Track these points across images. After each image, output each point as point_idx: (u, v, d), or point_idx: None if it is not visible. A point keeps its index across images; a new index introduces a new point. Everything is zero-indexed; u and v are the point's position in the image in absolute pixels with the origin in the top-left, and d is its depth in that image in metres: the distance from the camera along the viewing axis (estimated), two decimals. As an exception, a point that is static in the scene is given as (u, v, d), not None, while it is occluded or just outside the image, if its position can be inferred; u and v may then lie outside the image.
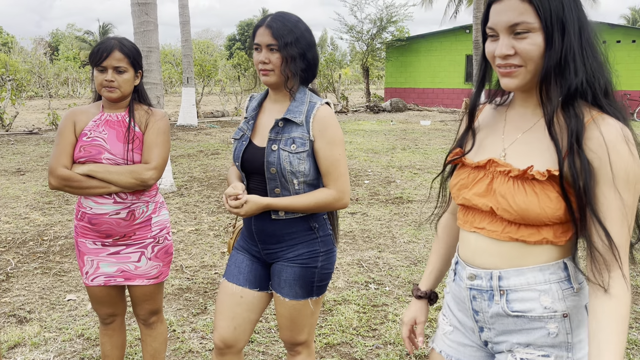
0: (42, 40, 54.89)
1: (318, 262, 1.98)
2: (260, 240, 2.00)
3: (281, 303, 2.01)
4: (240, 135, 2.01)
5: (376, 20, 23.32)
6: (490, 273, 1.30)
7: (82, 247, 2.31)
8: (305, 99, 1.94)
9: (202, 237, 5.15)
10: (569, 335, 1.25)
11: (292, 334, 2.05)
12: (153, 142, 2.25)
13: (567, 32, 1.17)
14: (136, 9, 6.41)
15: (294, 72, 1.89)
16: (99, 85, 2.19)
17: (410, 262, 4.49)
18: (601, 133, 1.15)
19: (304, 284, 1.97)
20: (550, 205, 1.19)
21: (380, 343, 3.17)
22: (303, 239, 1.97)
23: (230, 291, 2.05)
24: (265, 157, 1.90)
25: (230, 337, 2.03)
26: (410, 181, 7.80)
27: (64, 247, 4.84)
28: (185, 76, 14.52)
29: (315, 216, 1.99)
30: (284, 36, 1.85)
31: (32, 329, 3.29)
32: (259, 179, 1.95)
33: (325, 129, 1.90)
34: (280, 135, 1.90)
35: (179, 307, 3.64)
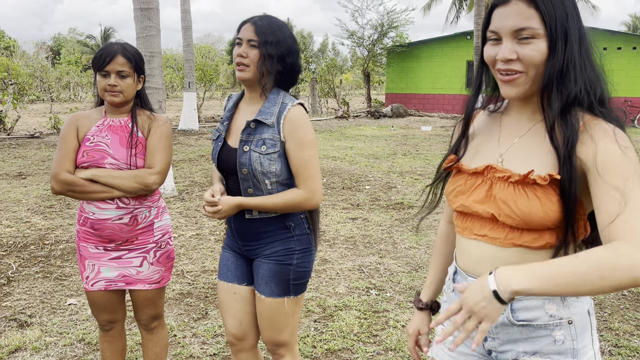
0: (44, 44, 55.03)
1: (293, 260, 2.00)
2: (240, 237, 2.05)
3: (260, 301, 2.04)
4: (217, 135, 2.04)
5: (377, 26, 23.39)
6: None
7: (83, 251, 2.31)
8: (277, 100, 1.95)
9: (203, 242, 5.15)
10: (575, 341, 1.25)
11: (272, 333, 2.06)
12: (156, 147, 2.26)
13: (570, 40, 1.17)
14: (139, 14, 6.44)
15: (269, 70, 1.90)
16: (102, 89, 2.20)
17: (412, 268, 4.49)
18: (591, 136, 1.16)
19: (279, 281, 1.99)
20: (552, 208, 1.18)
21: (382, 349, 3.16)
22: (279, 237, 2.00)
23: (224, 289, 2.12)
24: (237, 157, 1.93)
25: (238, 332, 2.11)
26: (411, 187, 7.80)
27: (65, 251, 4.84)
28: (187, 81, 14.55)
29: (291, 215, 2.00)
30: (266, 34, 1.88)
31: (33, 334, 3.29)
32: (234, 179, 1.99)
33: (295, 130, 1.91)
34: (252, 137, 1.93)
35: (179, 312, 3.64)
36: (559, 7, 1.17)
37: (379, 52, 23.96)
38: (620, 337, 3.30)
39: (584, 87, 1.19)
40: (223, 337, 3.28)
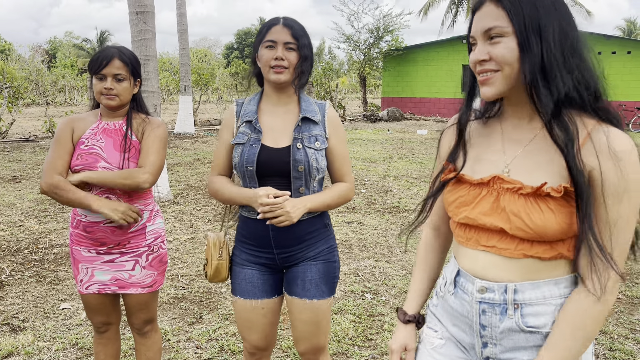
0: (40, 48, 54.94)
1: (335, 257, 2.06)
2: (278, 246, 1.98)
3: (305, 308, 1.99)
4: (246, 139, 1.96)
5: (373, 30, 23.43)
6: (505, 286, 1.25)
7: (76, 254, 2.30)
8: (310, 100, 2.01)
9: (198, 246, 5.13)
10: None
11: (316, 340, 2.04)
12: (149, 148, 2.25)
13: (545, 37, 1.15)
14: (134, 18, 6.43)
15: (305, 71, 1.95)
16: (98, 93, 2.19)
17: (407, 272, 4.48)
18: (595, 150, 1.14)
19: (328, 280, 2.01)
20: (567, 221, 1.17)
21: (377, 353, 3.15)
22: (321, 236, 2.01)
23: (250, 307, 2.04)
24: (292, 155, 1.90)
25: (263, 345, 2.12)
26: (406, 190, 7.81)
27: (58, 255, 4.82)
28: (183, 84, 14.55)
29: (326, 214, 2.06)
30: (302, 37, 1.92)
31: (25, 338, 3.26)
32: (277, 181, 1.93)
33: (338, 127, 2.02)
34: (301, 134, 1.94)
35: (174, 317, 3.62)
36: (527, 4, 1.16)
37: (375, 56, 24.00)
38: (614, 340, 3.30)
39: (573, 84, 1.16)
40: (217, 342, 3.26)
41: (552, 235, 1.18)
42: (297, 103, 2.01)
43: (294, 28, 1.91)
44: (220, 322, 3.53)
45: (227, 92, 24.04)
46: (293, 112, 1.99)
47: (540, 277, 1.22)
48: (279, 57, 1.88)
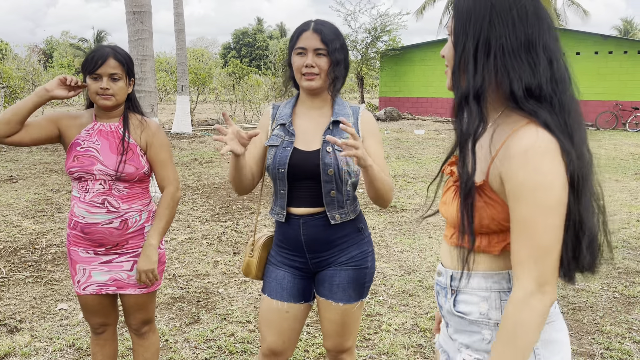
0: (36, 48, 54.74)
1: (368, 262, 2.02)
2: (310, 250, 1.99)
3: (333, 309, 2.01)
4: (279, 141, 1.98)
5: (370, 30, 23.44)
6: (447, 271, 1.37)
7: (74, 255, 2.29)
8: (344, 104, 2.01)
9: (195, 246, 5.12)
10: None
11: (341, 340, 2.06)
12: (164, 159, 2.30)
13: (469, 37, 1.23)
14: (131, 17, 6.42)
15: (338, 76, 1.93)
16: (93, 93, 2.17)
17: (404, 272, 4.48)
18: (509, 152, 1.16)
19: (357, 286, 2.00)
20: (484, 215, 1.22)
21: (374, 353, 3.15)
22: (353, 241, 2.00)
23: (275, 308, 2.05)
24: (321, 159, 1.90)
25: (279, 348, 2.09)
26: (404, 190, 7.81)
27: (55, 255, 4.81)
28: (180, 84, 14.52)
29: (360, 217, 2.03)
30: (332, 41, 1.90)
31: (22, 339, 3.25)
32: (307, 184, 1.94)
33: (374, 129, 2.00)
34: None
35: (171, 317, 3.61)
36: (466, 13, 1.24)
37: (372, 56, 24.01)
38: (612, 339, 3.31)
39: (481, 82, 1.20)
40: (215, 342, 3.26)
41: (477, 226, 1.23)
42: (330, 107, 2.00)
43: (323, 33, 1.90)
44: (218, 322, 3.53)
45: (224, 92, 23.97)
46: (326, 116, 1.99)
47: (474, 269, 1.29)
48: (309, 65, 1.89)
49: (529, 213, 1.13)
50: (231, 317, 3.60)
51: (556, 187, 1.12)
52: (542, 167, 1.12)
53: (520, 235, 1.15)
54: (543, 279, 1.13)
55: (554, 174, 1.12)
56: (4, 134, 2.14)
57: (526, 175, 1.12)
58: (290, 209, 1.99)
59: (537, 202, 1.12)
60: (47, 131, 2.22)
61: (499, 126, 1.24)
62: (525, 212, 1.13)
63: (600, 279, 4.32)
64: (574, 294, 4.00)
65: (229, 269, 4.52)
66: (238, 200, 7.04)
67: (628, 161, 10.90)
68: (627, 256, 4.88)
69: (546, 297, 1.14)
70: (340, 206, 1.95)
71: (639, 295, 3.99)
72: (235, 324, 3.50)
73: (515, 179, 1.14)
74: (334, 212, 1.94)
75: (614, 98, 18.75)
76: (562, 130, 1.16)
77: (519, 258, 1.15)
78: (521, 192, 1.13)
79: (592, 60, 19.09)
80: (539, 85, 1.19)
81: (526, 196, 1.13)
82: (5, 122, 2.12)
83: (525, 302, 1.13)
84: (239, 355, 3.11)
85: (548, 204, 1.12)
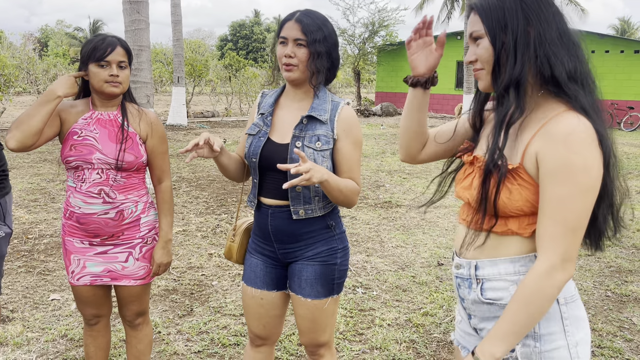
0: (32, 36, 54.32)
1: (337, 259, 1.99)
2: (277, 240, 1.98)
3: (302, 304, 2.00)
4: (257, 131, 1.97)
5: (368, 24, 23.39)
6: (469, 262, 1.40)
7: (69, 245, 2.28)
8: (327, 98, 1.94)
9: (189, 239, 5.11)
10: (536, 325, 1.30)
11: (314, 335, 2.05)
12: (163, 151, 2.35)
13: (508, 32, 1.28)
14: (127, 7, 6.37)
15: (319, 68, 1.87)
16: (101, 80, 2.15)
17: (398, 267, 4.49)
18: (553, 127, 1.23)
19: (325, 282, 1.97)
20: (509, 196, 1.27)
21: (367, 348, 3.16)
22: (321, 237, 1.97)
23: (250, 294, 2.09)
24: (289, 153, 1.88)
25: (262, 333, 2.12)
26: (399, 185, 7.82)
27: (48, 245, 4.79)
28: (176, 75, 14.46)
29: (332, 214, 2.00)
30: (313, 32, 1.83)
31: (14, 329, 3.24)
32: (276, 176, 1.92)
33: (350, 129, 1.92)
34: (304, 132, 1.89)
35: (164, 309, 3.61)
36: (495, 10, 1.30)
37: (369, 51, 23.97)
38: (603, 337, 3.33)
39: (522, 69, 1.27)
40: (208, 334, 3.26)
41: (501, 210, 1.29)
42: (311, 100, 1.95)
43: (304, 23, 1.84)
44: (211, 315, 3.53)
45: (220, 84, 23.88)
46: (304, 109, 1.94)
47: (498, 255, 1.34)
48: (287, 55, 1.85)
49: (566, 193, 1.20)
50: (224, 310, 3.60)
51: (594, 171, 1.20)
52: (583, 151, 1.19)
53: (552, 213, 1.21)
54: (567, 256, 1.21)
55: (593, 159, 1.19)
56: (32, 144, 2.12)
57: (567, 158, 1.19)
58: (261, 198, 1.99)
59: (576, 183, 1.19)
60: (55, 127, 2.21)
61: (533, 111, 1.31)
62: (563, 192, 1.20)
63: (592, 277, 4.34)
64: (567, 292, 4.03)
65: (222, 262, 4.51)
66: (233, 193, 7.03)
67: (622, 160, 10.91)
68: (620, 255, 4.91)
69: (566, 273, 1.22)
70: (307, 202, 1.92)
71: (630, 294, 4.02)
72: (229, 317, 3.50)
73: (555, 160, 1.20)
74: (299, 207, 1.92)
75: (610, 97, 18.80)
76: (596, 112, 1.25)
77: (548, 234, 1.22)
78: (560, 172, 1.20)
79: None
80: (576, 69, 1.27)
81: (565, 177, 1.19)
82: (36, 133, 2.08)
83: (547, 274, 1.21)
84: (231, 348, 3.11)
85: (585, 187, 1.19)
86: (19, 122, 2.09)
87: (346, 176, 1.92)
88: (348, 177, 1.92)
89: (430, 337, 3.31)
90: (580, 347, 1.32)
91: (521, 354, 1.31)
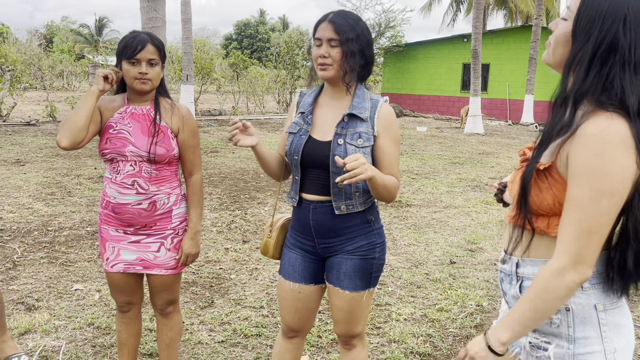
0: (37, 32, 54.44)
1: (376, 254, 2.06)
2: (318, 235, 2.05)
3: (340, 296, 2.07)
4: (298, 129, 2.04)
5: (374, 25, 23.45)
6: (512, 259, 1.44)
7: (104, 233, 2.36)
8: (366, 96, 2.00)
9: (205, 234, 5.20)
10: (570, 328, 1.32)
11: (349, 326, 2.12)
12: (194, 145, 2.44)
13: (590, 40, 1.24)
14: (145, 5, 6.47)
15: (352, 67, 1.93)
16: (131, 77, 2.24)
17: (412, 264, 4.57)
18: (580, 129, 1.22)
19: (363, 275, 2.04)
20: (538, 194, 1.30)
21: (385, 341, 3.24)
22: (361, 231, 2.03)
23: (288, 288, 2.15)
24: (332, 150, 1.94)
25: (296, 325, 2.19)
26: (408, 186, 7.89)
27: (69, 238, 4.88)
28: (185, 73, 14.55)
29: (371, 209, 2.06)
30: (345, 32, 1.90)
31: (41, 317, 3.33)
32: (318, 172, 1.99)
33: (390, 126, 1.99)
34: (345, 130, 1.96)
35: (186, 300, 3.69)
36: (594, 9, 1.25)
37: (375, 52, 24.00)
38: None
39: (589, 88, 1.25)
40: (230, 325, 3.34)
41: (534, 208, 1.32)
42: (351, 98, 2.01)
43: (336, 23, 1.91)
44: (232, 307, 3.61)
45: (225, 83, 23.95)
46: (344, 107, 2.01)
47: (538, 255, 1.36)
48: (321, 55, 1.92)
49: (581, 194, 1.19)
50: (244, 302, 3.69)
51: (615, 176, 1.16)
52: (605, 153, 1.16)
53: (568, 212, 1.22)
54: (579, 258, 1.21)
55: (616, 164, 1.16)
56: (81, 140, 2.21)
57: (588, 158, 1.18)
58: (302, 194, 2.05)
59: (592, 185, 1.17)
60: (97, 122, 2.30)
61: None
62: (578, 192, 1.20)
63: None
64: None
65: (239, 257, 4.60)
66: (245, 190, 7.11)
67: None
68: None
69: (577, 276, 1.22)
70: (348, 197, 1.98)
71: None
72: (249, 309, 3.58)
73: (577, 159, 1.20)
74: (340, 202, 1.99)
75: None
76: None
77: (563, 232, 1.23)
78: (579, 172, 1.19)
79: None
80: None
81: (582, 178, 1.19)
82: (82, 128, 2.18)
83: (556, 273, 1.23)
84: (254, 339, 3.19)
85: (602, 190, 1.17)
86: (66, 122, 2.20)
87: (387, 172, 1.97)
88: (388, 172, 1.98)
89: (447, 331, 3.39)
90: (619, 354, 1.32)
91: (554, 354, 1.34)
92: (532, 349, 1.38)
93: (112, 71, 2.25)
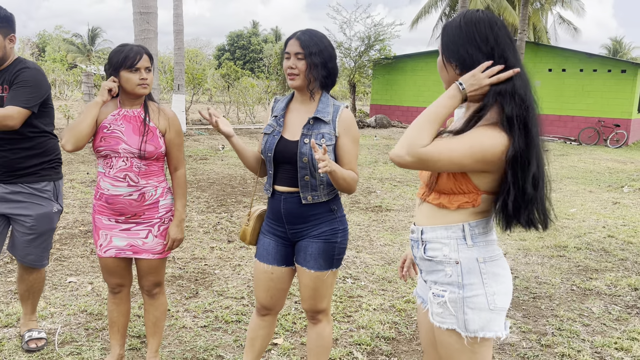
0: (29, 41, 54.64)
1: (338, 238, 2.39)
2: (288, 222, 2.38)
3: (306, 275, 2.39)
4: (271, 130, 2.37)
5: (364, 38, 23.91)
6: (418, 228, 1.80)
7: (98, 222, 2.67)
8: (329, 102, 2.35)
9: (192, 234, 5.49)
10: (459, 277, 1.68)
11: (314, 302, 2.44)
12: (179, 143, 2.76)
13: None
14: (138, 18, 6.79)
15: (315, 77, 2.28)
16: (134, 84, 2.56)
17: (385, 262, 4.89)
18: None
19: (326, 256, 2.37)
20: (445, 180, 1.68)
21: (354, 327, 3.55)
22: (325, 219, 2.36)
23: (262, 269, 2.47)
24: (299, 148, 2.28)
25: (268, 303, 2.50)
26: (389, 192, 8.22)
27: (62, 236, 5.15)
28: (177, 83, 14.87)
29: (334, 200, 2.39)
30: (309, 47, 2.25)
31: (38, 304, 3.60)
32: (288, 167, 2.33)
33: (349, 128, 2.32)
34: (311, 131, 2.29)
35: (172, 292, 3.98)
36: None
37: (365, 64, 24.47)
38: (563, 322, 3.73)
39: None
40: (212, 313, 3.64)
41: (440, 187, 1.69)
42: (316, 104, 2.34)
43: (302, 39, 2.26)
44: (215, 297, 3.91)
45: (217, 93, 24.29)
46: (310, 112, 2.35)
47: (437, 223, 1.73)
48: (290, 66, 2.27)
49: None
50: (227, 293, 3.98)
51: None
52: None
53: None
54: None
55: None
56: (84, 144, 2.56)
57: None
58: (275, 186, 2.39)
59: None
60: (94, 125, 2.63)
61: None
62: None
63: (561, 274, 4.76)
64: (536, 285, 4.43)
65: (224, 254, 4.89)
66: (232, 195, 7.42)
67: (604, 174, 11.42)
68: (589, 256, 5.33)
69: None
70: (313, 189, 2.30)
71: (593, 288, 4.43)
72: (231, 299, 3.88)
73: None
74: (307, 193, 2.32)
75: (597, 115, 19.36)
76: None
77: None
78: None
79: (577, 77, 19.73)
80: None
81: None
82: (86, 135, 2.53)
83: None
84: (234, 324, 3.49)
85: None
86: (71, 129, 2.54)
87: (347, 167, 2.30)
88: (348, 168, 2.30)
89: (411, 319, 3.70)
90: (498, 297, 1.67)
91: (449, 299, 1.68)
92: (434, 297, 1.74)
93: (114, 85, 2.58)
